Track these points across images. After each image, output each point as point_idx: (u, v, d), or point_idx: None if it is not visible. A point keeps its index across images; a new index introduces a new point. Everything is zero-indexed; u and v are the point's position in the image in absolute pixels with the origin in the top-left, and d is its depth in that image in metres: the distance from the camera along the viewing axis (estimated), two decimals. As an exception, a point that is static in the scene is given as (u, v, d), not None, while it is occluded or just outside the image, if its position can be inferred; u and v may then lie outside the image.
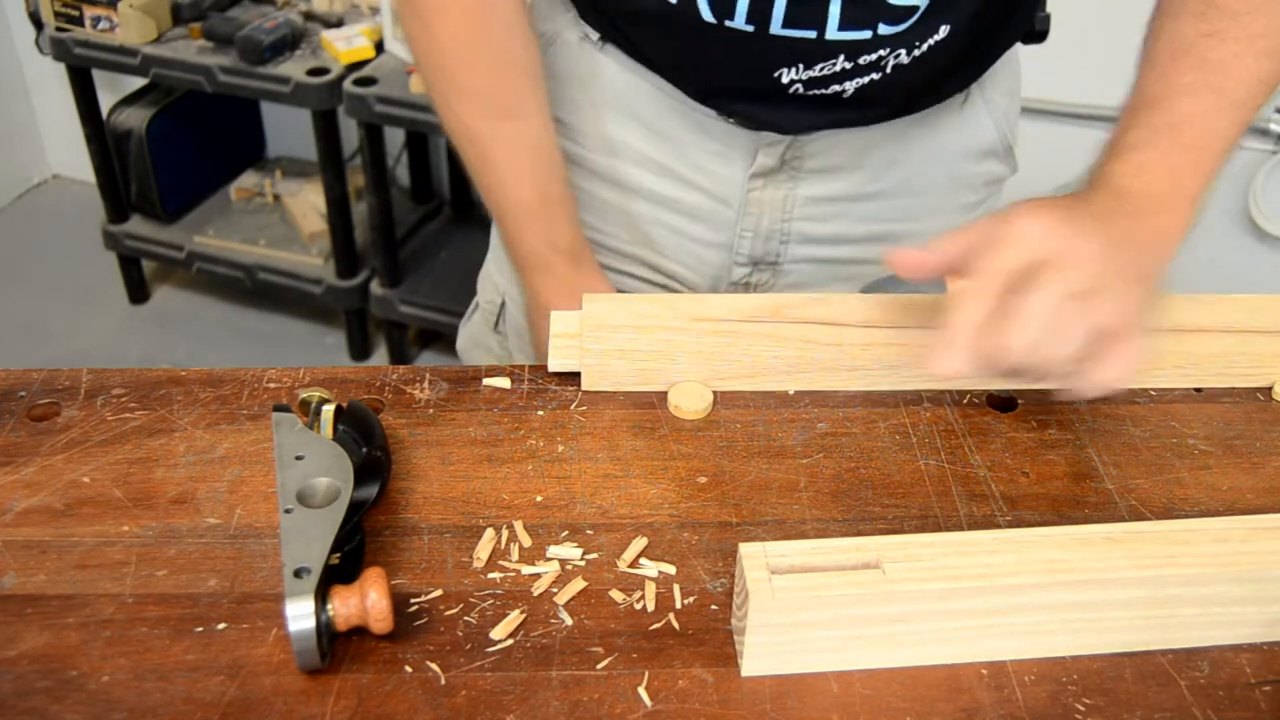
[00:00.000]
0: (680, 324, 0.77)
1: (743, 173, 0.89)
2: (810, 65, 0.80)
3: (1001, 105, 0.94)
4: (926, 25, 0.79)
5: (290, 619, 0.54)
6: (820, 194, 0.90)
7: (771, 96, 0.83)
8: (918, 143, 0.90)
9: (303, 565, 0.56)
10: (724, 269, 0.94)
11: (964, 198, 0.96)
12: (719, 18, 0.79)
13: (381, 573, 0.57)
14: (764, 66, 0.81)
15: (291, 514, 0.60)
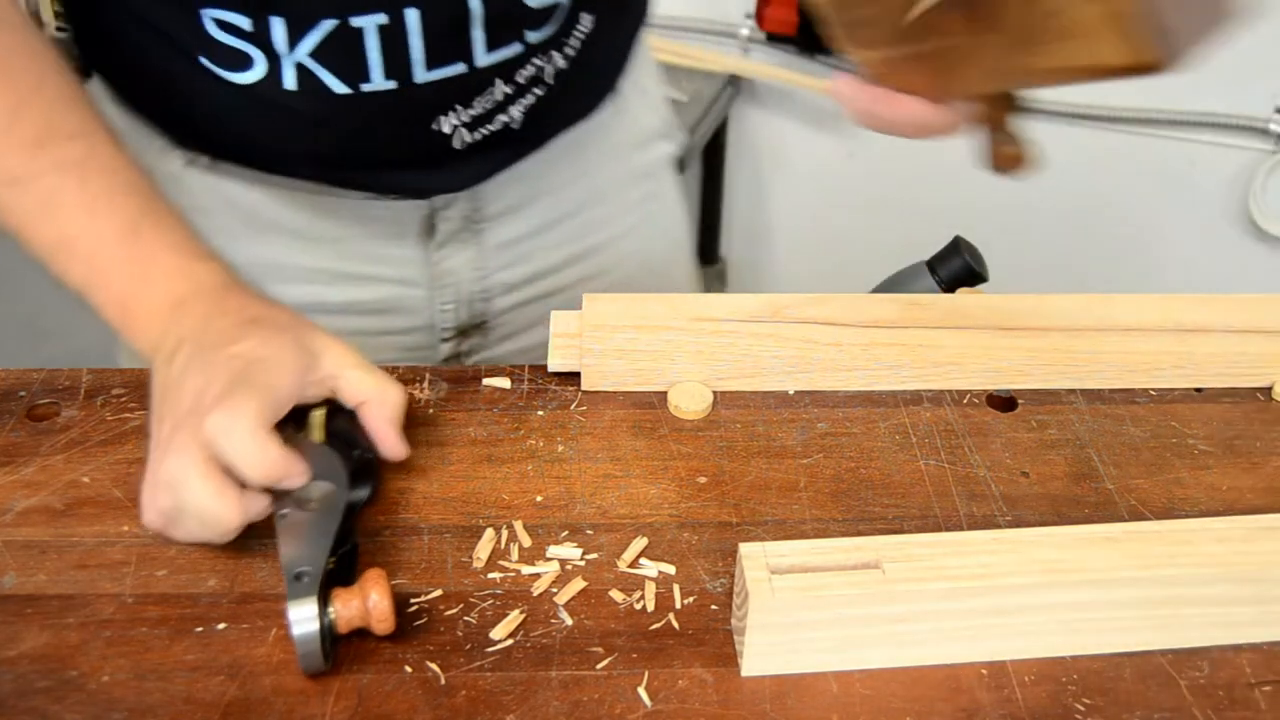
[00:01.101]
0: (680, 324, 0.77)
1: (423, 247, 0.84)
2: (469, 103, 0.76)
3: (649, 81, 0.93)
4: (570, 20, 0.77)
5: (294, 623, 0.54)
6: (512, 236, 0.87)
7: (436, 154, 0.78)
8: (592, 149, 0.88)
9: (303, 569, 0.56)
10: (431, 350, 0.91)
11: (644, 187, 0.95)
12: (353, 85, 0.72)
13: (381, 573, 0.57)
14: (418, 121, 0.76)
15: (287, 517, 0.60)
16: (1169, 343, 0.79)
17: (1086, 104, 1.97)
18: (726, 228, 2.40)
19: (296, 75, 0.72)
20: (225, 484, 0.59)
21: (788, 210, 2.35)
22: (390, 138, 0.78)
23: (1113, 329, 0.79)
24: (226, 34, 0.71)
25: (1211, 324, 0.80)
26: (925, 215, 2.18)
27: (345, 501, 0.61)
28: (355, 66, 0.72)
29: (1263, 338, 0.79)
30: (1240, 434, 0.75)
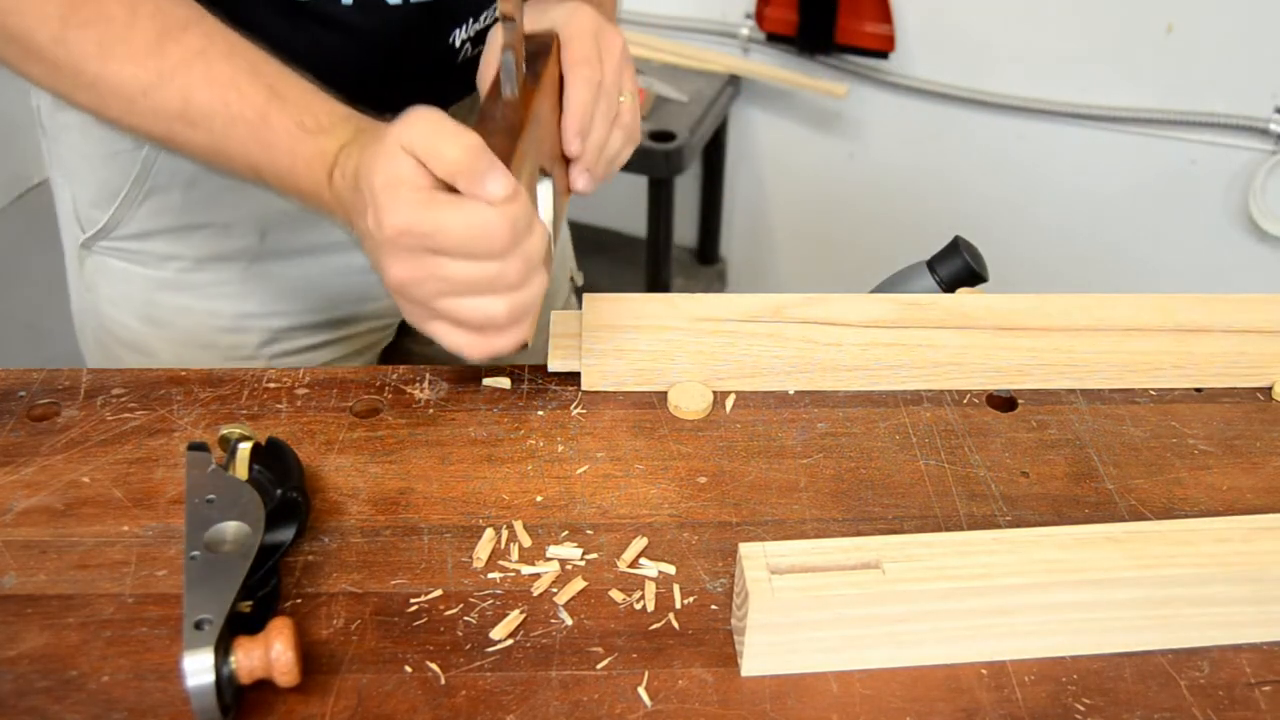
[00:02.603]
0: (680, 324, 0.77)
1: None
2: (478, 16, 0.84)
3: None
4: None
5: (187, 674, 0.52)
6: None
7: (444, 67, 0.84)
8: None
9: (204, 616, 0.54)
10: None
11: None
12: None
13: (288, 623, 0.54)
14: (442, 34, 0.83)
15: (197, 560, 0.57)
16: (1169, 343, 0.79)
17: (1086, 104, 1.97)
18: (726, 228, 2.40)
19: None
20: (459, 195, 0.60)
21: (788, 210, 2.35)
22: (419, 51, 0.83)
23: (1113, 329, 0.79)
24: None
25: (1211, 324, 0.80)
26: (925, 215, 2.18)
27: (260, 545, 0.59)
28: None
29: (1263, 338, 0.79)
30: (1240, 434, 0.75)
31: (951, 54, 2.04)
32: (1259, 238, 1.97)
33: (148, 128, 0.69)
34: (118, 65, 0.67)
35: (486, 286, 0.62)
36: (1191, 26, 1.86)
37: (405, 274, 0.62)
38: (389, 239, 0.61)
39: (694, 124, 1.99)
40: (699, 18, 2.18)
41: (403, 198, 0.60)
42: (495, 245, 0.60)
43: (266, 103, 0.67)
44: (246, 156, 0.68)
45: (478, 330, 0.65)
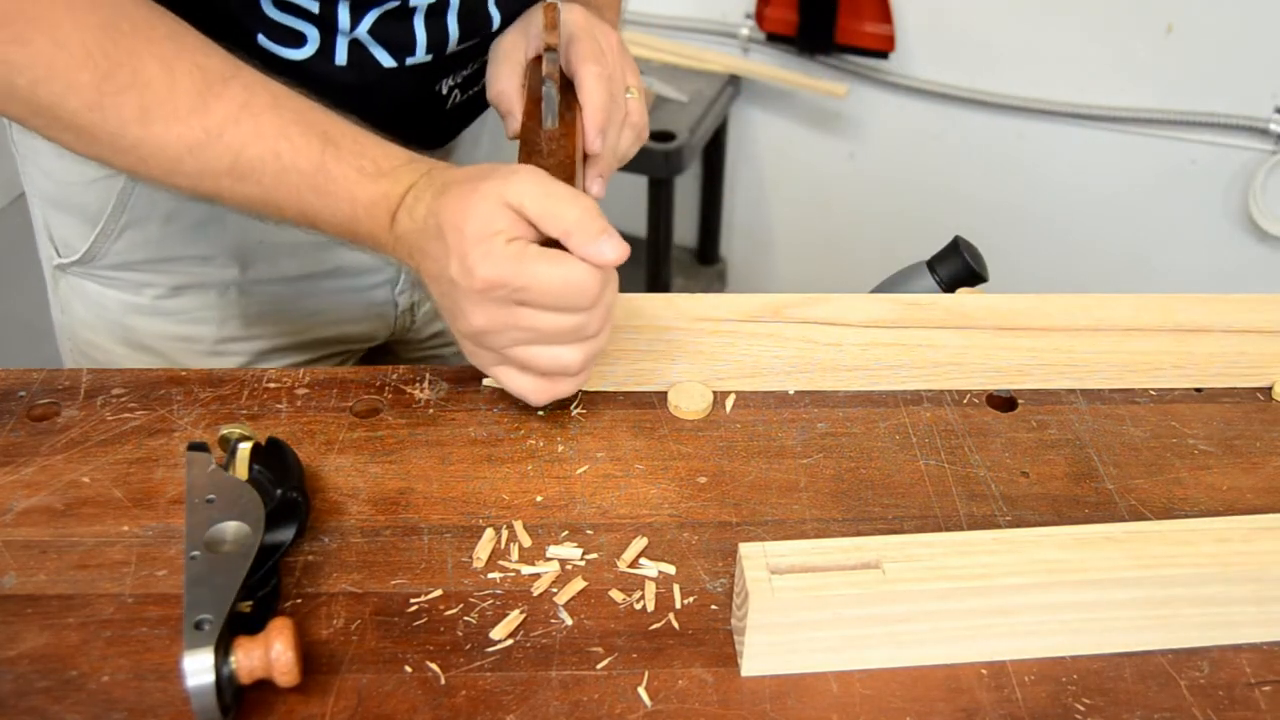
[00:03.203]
0: (680, 324, 0.77)
1: None
2: (465, 66, 0.85)
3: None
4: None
5: (188, 674, 0.52)
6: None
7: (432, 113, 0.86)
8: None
9: (204, 616, 0.54)
10: (389, 304, 0.96)
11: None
12: (399, 59, 0.79)
13: (288, 623, 0.54)
14: (431, 86, 0.84)
15: (197, 560, 0.57)
16: (1169, 343, 0.79)
17: (1086, 104, 1.97)
18: (726, 228, 2.40)
19: (348, 51, 0.78)
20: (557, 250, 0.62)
21: (788, 210, 2.35)
22: (407, 103, 0.84)
23: (1113, 329, 0.79)
24: (285, 13, 0.75)
25: (1211, 324, 0.80)
26: (925, 215, 2.18)
27: (260, 545, 0.59)
28: (404, 42, 0.79)
29: (1263, 338, 0.79)
30: (1240, 434, 0.75)
31: (951, 54, 2.04)
32: (1259, 238, 1.97)
33: (193, 185, 0.68)
34: (161, 127, 0.65)
35: (568, 336, 0.64)
36: (1191, 26, 1.86)
37: (489, 322, 0.63)
38: (479, 289, 0.62)
39: (694, 124, 1.99)
40: (699, 18, 2.18)
41: (497, 250, 0.61)
42: (585, 299, 0.62)
43: (321, 150, 0.66)
44: (300, 205, 0.67)
45: (546, 376, 0.67)
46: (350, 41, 0.77)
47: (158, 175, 0.68)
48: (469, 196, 0.62)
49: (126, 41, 0.64)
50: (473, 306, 0.63)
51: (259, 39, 0.76)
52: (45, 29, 0.63)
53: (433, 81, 0.84)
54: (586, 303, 0.63)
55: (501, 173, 0.63)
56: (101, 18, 0.64)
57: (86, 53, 0.63)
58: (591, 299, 0.62)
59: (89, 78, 0.64)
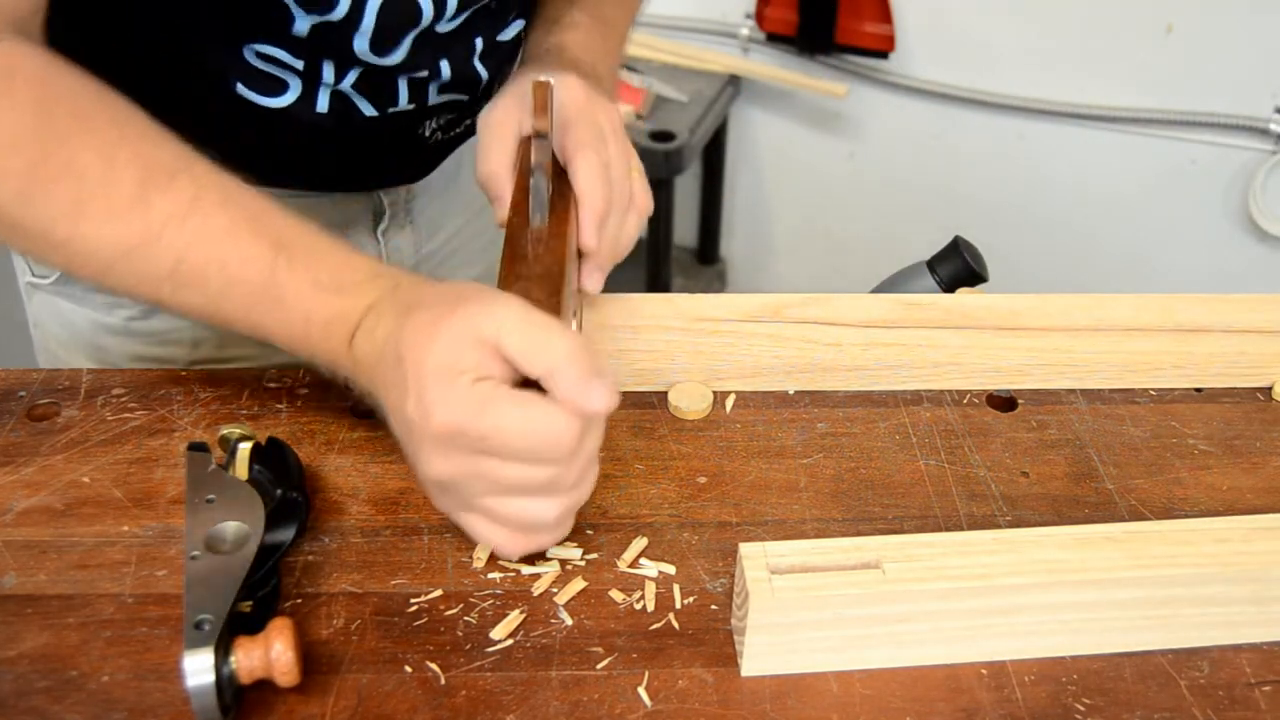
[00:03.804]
0: (680, 324, 0.77)
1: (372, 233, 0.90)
2: (448, 112, 0.84)
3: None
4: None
5: (188, 674, 0.52)
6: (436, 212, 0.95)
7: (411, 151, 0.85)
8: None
9: (204, 616, 0.54)
10: None
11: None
12: (382, 109, 0.77)
13: (288, 623, 0.54)
14: (413, 129, 0.83)
15: (197, 560, 0.57)
16: (1169, 343, 0.79)
17: (1086, 104, 1.97)
18: (726, 228, 2.40)
19: (330, 101, 0.76)
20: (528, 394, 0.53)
21: (788, 210, 2.35)
22: (389, 146, 0.83)
23: (1113, 329, 0.79)
24: (268, 64, 0.73)
25: (1211, 324, 0.80)
26: (925, 215, 2.18)
27: (260, 544, 0.59)
28: (387, 94, 0.77)
29: (1263, 338, 0.79)
30: (1240, 434, 0.75)
31: (951, 54, 2.04)
32: (1259, 238, 1.97)
33: (129, 290, 0.62)
34: (94, 225, 0.59)
35: (539, 490, 0.56)
36: (1191, 26, 1.86)
37: (449, 472, 0.55)
38: (435, 434, 0.54)
39: (694, 124, 1.99)
40: (699, 18, 2.18)
41: (458, 392, 0.53)
42: (558, 451, 0.54)
43: (273, 258, 0.59)
44: (249, 317, 0.61)
45: (520, 531, 0.58)
46: (332, 92, 0.76)
47: (90, 276, 0.62)
48: (435, 325, 0.54)
49: (62, 126, 0.58)
50: (430, 452, 0.55)
51: (237, 88, 0.74)
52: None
53: (415, 126, 0.82)
54: (560, 454, 0.54)
55: (476, 299, 0.55)
56: (37, 100, 0.59)
57: (16, 137, 0.58)
58: (566, 450, 0.54)
59: (19, 165, 0.58)
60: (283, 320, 0.60)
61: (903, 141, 2.16)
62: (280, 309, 0.60)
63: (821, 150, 2.23)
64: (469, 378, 0.53)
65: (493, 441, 0.53)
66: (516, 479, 0.55)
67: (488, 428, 0.53)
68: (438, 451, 0.55)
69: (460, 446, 0.54)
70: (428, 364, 0.54)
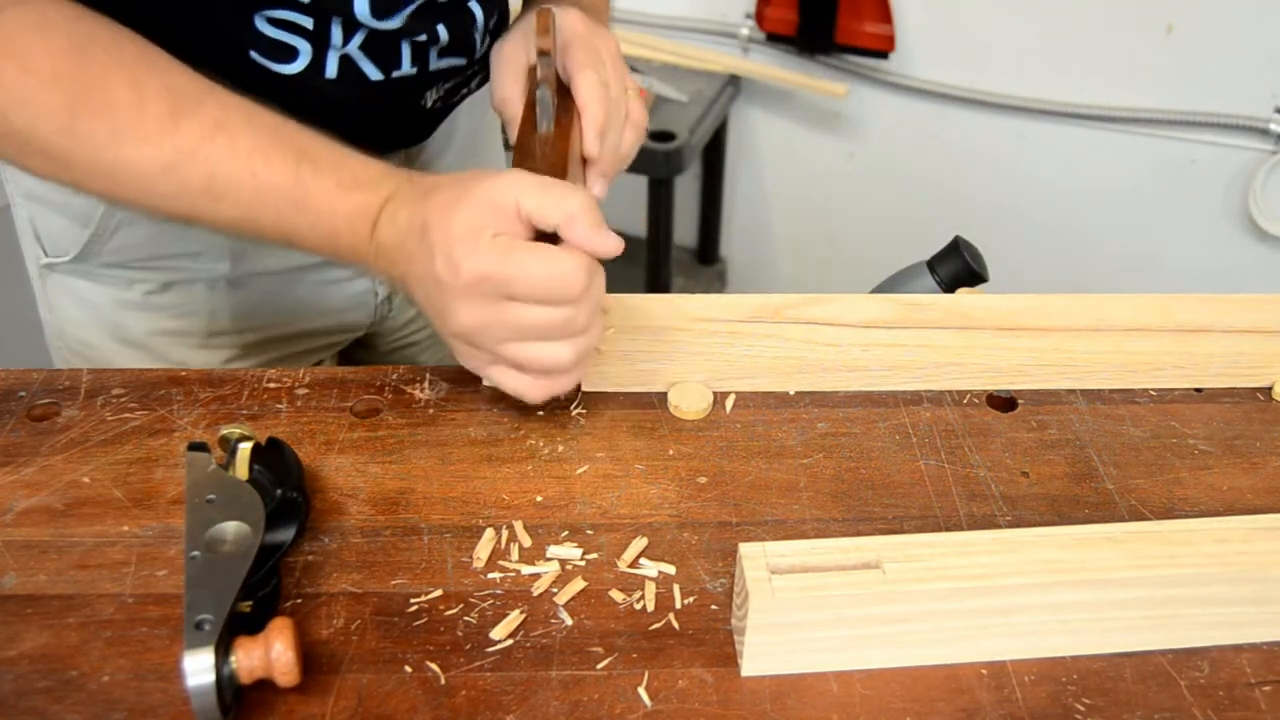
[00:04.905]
0: (680, 324, 0.77)
1: None
2: (449, 81, 0.87)
3: None
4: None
5: (188, 674, 0.52)
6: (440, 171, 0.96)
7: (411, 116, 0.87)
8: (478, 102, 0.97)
9: (204, 616, 0.54)
10: (369, 293, 0.97)
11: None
12: (386, 73, 0.80)
13: (288, 623, 0.55)
14: (416, 97, 0.85)
15: (197, 560, 0.57)
16: (1169, 343, 0.79)
17: (1086, 104, 1.97)
18: (726, 228, 2.40)
19: (339, 65, 0.78)
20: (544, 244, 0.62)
21: (788, 210, 2.35)
22: (391, 112, 0.85)
23: (1113, 329, 0.79)
24: (278, 29, 0.75)
25: (1211, 324, 0.80)
26: (925, 215, 2.18)
27: (260, 545, 0.59)
28: (391, 57, 0.80)
29: (1263, 338, 0.79)
30: (1240, 434, 0.75)
31: (951, 54, 2.04)
32: (1259, 238, 1.97)
33: (169, 207, 0.67)
34: (133, 149, 0.64)
35: (556, 331, 0.64)
36: (1191, 26, 1.86)
37: (477, 319, 0.63)
38: (465, 285, 0.62)
39: (694, 124, 1.99)
40: (699, 18, 2.18)
41: (483, 244, 0.61)
42: (572, 292, 0.62)
43: (297, 166, 0.66)
44: (279, 222, 0.67)
45: (542, 374, 0.66)
46: (341, 56, 0.78)
47: (132, 198, 0.67)
48: (457, 198, 0.62)
49: (96, 65, 0.64)
50: (460, 303, 0.63)
51: (250, 54, 0.76)
52: (12, 55, 0.63)
53: (418, 96, 0.85)
54: (574, 295, 0.62)
55: (488, 175, 0.64)
56: (69, 42, 0.64)
57: (55, 77, 0.63)
58: (579, 291, 0.62)
59: (59, 102, 0.63)
60: (311, 220, 0.66)
61: (903, 141, 2.16)
62: (308, 210, 0.66)
63: (821, 150, 2.23)
64: (490, 233, 0.61)
65: (516, 285, 0.61)
66: (537, 320, 0.63)
67: (512, 271, 0.61)
68: (467, 301, 0.62)
69: (486, 294, 0.62)
70: (454, 228, 0.62)
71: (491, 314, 0.63)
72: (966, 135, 2.09)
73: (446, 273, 0.62)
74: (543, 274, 0.61)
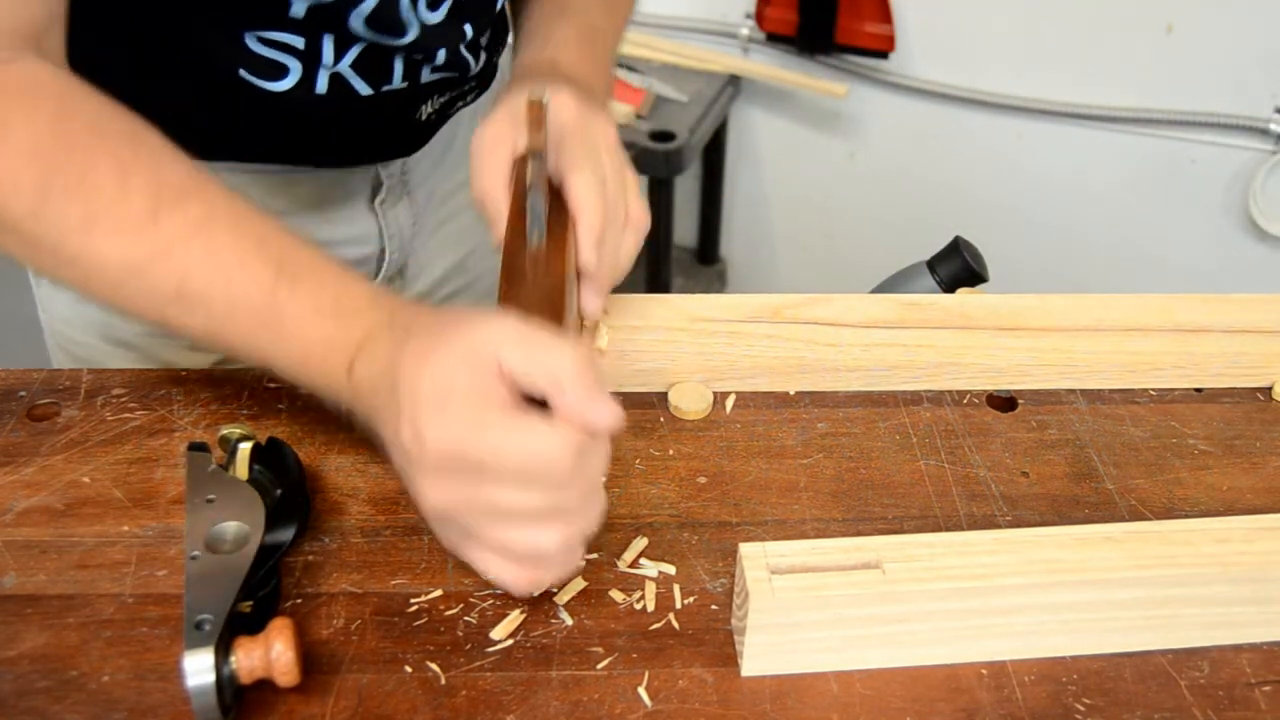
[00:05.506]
0: (680, 324, 0.77)
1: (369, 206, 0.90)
2: (443, 94, 0.85)
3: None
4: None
5: (188, 674, 0.52)
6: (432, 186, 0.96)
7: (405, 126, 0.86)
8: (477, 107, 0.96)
9: (204, 616, 0.54)
10: None
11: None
12: (376, 88, 0.78)
13: (288, 623, 0.54)
14: (409, 111, 0.84)
15: (197, 560, 0.57)
16: (1169, 343, 0.79)
17: (1086, 104, 1.97)
18: (726, 228, 2.40)
19: (329, 82, 0.77)
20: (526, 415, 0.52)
21: (788, 210, 2.35)
22: (386, 126, 0.84)
23: (1113, 329, 0.79)
24: (269, 48, 0.74)
25: (1211, 324, 0.80)
26: (925, 215, 2.18)
27: (260, 545, 0.59)
28: (382, 72, 0.78)
29: (1263, 338, 0.79)
30: (1240, 434, 0.75)
31: (951, 54, 2.04)
32: (1259, 238, 1.97)
33: (138, 310, 0.62)
34: (105, 240, 0.59)
35: (542, 516, 0.54)
36: (1191, 26, 1.86)
37: (445, 500, 0.54)
38: (432, 462, 0.53)
39: (694, 124, 1.99)
40: (699, 18, 2.18)
41: (452, 413, 0.52)
42: (556, 475, 0.52)
43: (275, 281, 0.59)
44: (250, 341, 0.61)
45: (526, 562, 0.56)
46: (331, 74, 0.77)
47: (100, 294, 0.62)
48: (430, 350, 0.54)
49: (79, 141, 0.59)
50: (426, 481, 0.54)
51: (239, 73, 0.75)
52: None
53: (412, 110, 0.84)
54: (560, 476, 0.52)
55: (468, 322, 0.54)
56: (55, 115, 0.60)
57: (35, 149, 0.59)
58: (564, 473, 0.52)
59: (33, 177, 0.58)
60: (283, 346, 0.60)
61: (903, 141, 2.16)
62: (280, 334, 0.60)
63: (821, 150, 2.23)
64: (463, 399, 0.52)
65: (489, 465, 0.52)
66: (516, 505, 0.53)
67: (484, 450, 0.51)
68: (435, 480, 0.53)
69: (457, 472, 0.52)
70: (422, 389, 0.53)
71: (462, 494, 0.53)
72: (966, 135, 2.09)
73: (412, 444, 0.53)
74: (520, 454, 0.51)
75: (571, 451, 0.52)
